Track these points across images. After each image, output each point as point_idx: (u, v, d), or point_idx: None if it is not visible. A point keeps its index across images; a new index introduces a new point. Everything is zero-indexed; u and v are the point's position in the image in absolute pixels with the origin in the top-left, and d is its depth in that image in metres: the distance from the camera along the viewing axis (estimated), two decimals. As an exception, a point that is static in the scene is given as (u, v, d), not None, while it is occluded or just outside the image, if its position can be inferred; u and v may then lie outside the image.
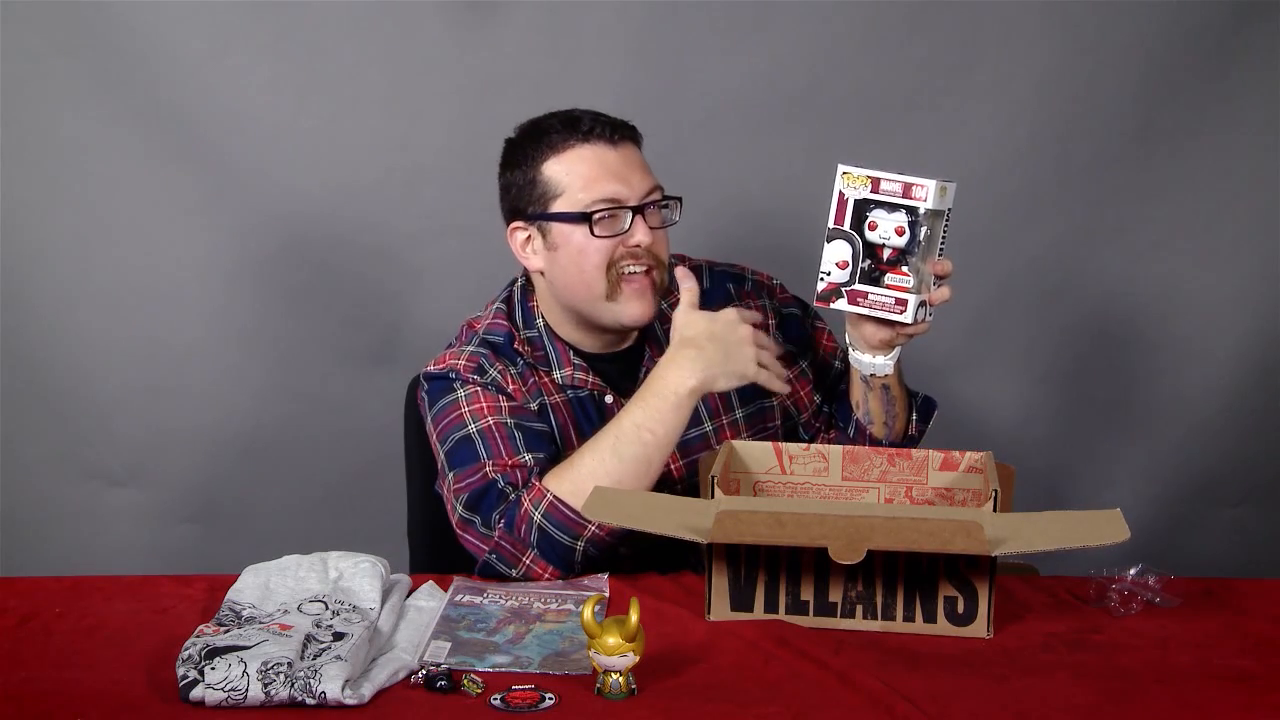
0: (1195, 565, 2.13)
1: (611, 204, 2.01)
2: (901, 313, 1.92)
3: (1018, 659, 1.66)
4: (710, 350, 1.95)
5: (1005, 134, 2.88)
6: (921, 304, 1.93)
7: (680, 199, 2.08)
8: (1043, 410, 3.01)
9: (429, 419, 2.06)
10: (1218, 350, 2.97)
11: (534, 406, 2.05)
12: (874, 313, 1.94)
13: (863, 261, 1.93)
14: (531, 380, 2.07)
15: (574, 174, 2.02)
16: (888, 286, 1.92)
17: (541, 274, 2.08)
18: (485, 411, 2.01)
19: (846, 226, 1.93)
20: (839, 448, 1.95)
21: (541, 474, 1.95)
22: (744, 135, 2.87)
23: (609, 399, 2.09)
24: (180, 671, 1.53)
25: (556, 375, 2.08)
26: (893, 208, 1.91)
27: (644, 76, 2.81)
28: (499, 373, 2.05)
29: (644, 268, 2.03)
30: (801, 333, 2.19)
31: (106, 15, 2.73)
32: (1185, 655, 1.67)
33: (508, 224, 2.09)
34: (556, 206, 2.03)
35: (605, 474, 1.90)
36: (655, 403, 1.94)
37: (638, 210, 2.02)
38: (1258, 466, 3.02)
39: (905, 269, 1.90)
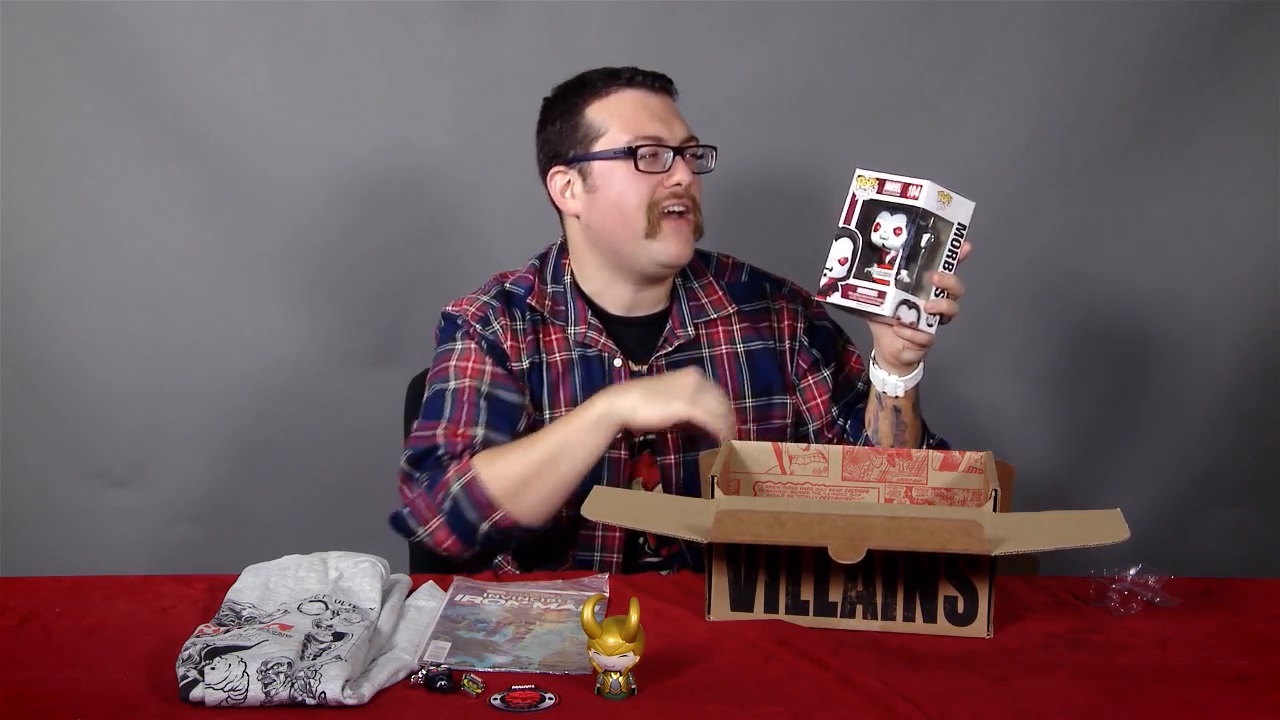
0: (1195, 565, 2.13)
1: (654, 142, 2.06)
2: (880, 304, 1.91)
3: (1018, 659, 1.66)
4: (646, 382, 2.01)
5: (1006, 133, 2.88)
6: (912, 306, 1.92)
7: (715, 148, 2.14)
8: (1043, 410, 3.01)
9: (433, 356, 2.13)
10: (1218, 350, 2.96)
11: (525, 364, 2.08)
12: (857, 305, 1.93)
13: (861, 260, 1.93)
14: (532, 337, 2.10)
15: (617, 115, 2.08)
16: (872, 279, 1.92)
17: (578, 218, 2.11)
18: (469, 372, 2.06)
19: (853, 226, 1.93)
20: (839, 448, 1.95)
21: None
22: (744, 135, 2.86)
23: (618, 362, 2.11)
24: (180, 671, 1.53)
25: (570, 331, 2.11)
26: (894, 209, 1.91)
27: (644, 76, 2.81)
28: (501, 327, 2.09)
29: (683, 208, 2.07)
30: (828, 344, 2.21)
31: (106, 15, 2.73)
32: (1185, 655, 1.67)
33: (545, 173, 2.14)
34: (599, 146, 2.08)
35: (521, 463, 1.96)
36: (579, 409, 1.98)
37: (678, 151, 2.07)
38: (1258, 466, 3.01)
39: (889, 263, 1.91)
